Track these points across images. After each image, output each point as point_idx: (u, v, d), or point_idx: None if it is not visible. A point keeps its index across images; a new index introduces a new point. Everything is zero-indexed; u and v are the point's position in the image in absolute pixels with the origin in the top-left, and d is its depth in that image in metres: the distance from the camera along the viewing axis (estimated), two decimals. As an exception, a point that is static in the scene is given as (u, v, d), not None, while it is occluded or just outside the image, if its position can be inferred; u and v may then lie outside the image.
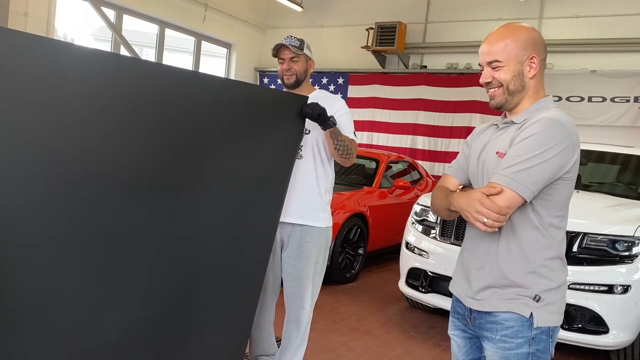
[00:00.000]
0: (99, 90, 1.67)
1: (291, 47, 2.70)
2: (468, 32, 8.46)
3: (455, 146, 8.52)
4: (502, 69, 1.67)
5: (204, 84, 2.04)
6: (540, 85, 1.72)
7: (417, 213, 4.53)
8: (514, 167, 1.58)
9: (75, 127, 1.63)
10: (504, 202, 1.56)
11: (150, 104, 1.82)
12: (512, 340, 1.65)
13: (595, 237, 3.57)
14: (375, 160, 6.56)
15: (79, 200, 1.69)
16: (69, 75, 1.59)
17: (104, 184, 1.74)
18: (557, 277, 1.67)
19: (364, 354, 3.67)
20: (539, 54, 1.68)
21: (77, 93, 1.62)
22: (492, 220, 1.55)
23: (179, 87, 1.91)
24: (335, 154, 2.63)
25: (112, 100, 1.71)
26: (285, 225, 2.72)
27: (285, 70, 2.74)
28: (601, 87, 7.35)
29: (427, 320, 4.51)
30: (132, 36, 8.14)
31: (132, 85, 1.76)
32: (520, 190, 1.56)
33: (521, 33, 1.68)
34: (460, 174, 1.88)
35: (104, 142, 1.72)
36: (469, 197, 1.62)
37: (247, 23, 10.06)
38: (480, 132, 1.87)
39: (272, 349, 2.90)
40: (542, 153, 1.56)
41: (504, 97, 1.70)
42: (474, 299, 1.72)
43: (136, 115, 1.79)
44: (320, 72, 9.52)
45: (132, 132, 1.79)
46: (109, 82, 1.69)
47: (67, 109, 1.61)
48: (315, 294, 2.83)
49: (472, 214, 1.59)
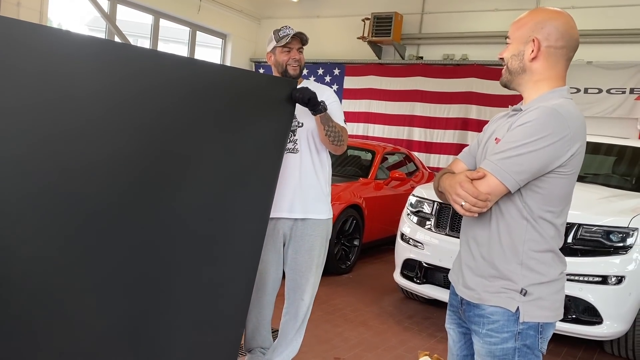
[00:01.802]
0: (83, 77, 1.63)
1: (302, 40, 2.70)
2: (464, 22, 8.42)
3: (451, 137, 8.51)
4: (508, 47, 1.66)
5: (190, 69, 1.98)
6: (549, 73, 1.63)
7: (412, 204, 4.52)
8: (502, 153, 1.54)
9: (55, 115, 1.60)
10: (485, 188, 1.53)
11: (133, 91, 1.76)
12: (498, 335, 1.60)
13: (590, 228, 3.57)
14: (371, 151, 6.55)
15: (61, 191, 1.65)
16: (53, 61, 1.56)
17: (87, 173, 1.70)
18: (549, 272, 1.60)
19: (359, 345, 3.67)
20: (546, 39, 1.60)
21: (63, 80, 1.59)
22: (469, 204, 1.53)
23: (163, 73, 1.84)
24: (326, 141, 2.61)
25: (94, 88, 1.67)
26: (287, 221, 2.72)
27: (293, 60, 2.70)
28: (597, 79, 7.34)
29: (422, 311, 4.52)
30: (126, 27, 8.07)
31: (112, 72, 1.71)
32: (503, 177, 1.52)
33: (540, 15, 1.63)
34: (468, 159, 1.84)
35: (88, 132, 1.68)
36: (452, 179, 1.60)
37: (243, 13, 10.00)
38: (496, 119, 1.83)
39: (268, 343, 2.90)
40: (533, 142, 1.50)
41: (506, 76, 1.69)
42: (465, 287, 1.70)
43: (117, 103, 1.74)
44: (316, 62, 9.48)
45: (113, 122, 1.74)
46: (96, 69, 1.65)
47: (51, 95, 1.57)
48: (315, 287, 2.82)
49: (452, 195, 1.58)
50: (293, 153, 2.67)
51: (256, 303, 2.76)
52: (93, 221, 1.76)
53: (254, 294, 2.60)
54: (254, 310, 2.79)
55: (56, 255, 1.70)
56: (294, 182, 2.68)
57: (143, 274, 1.96)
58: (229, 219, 2.24)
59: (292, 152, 2.66)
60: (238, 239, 2.31)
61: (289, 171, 2.64)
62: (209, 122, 2.05)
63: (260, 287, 2.74)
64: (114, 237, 1.83)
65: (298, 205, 2.70)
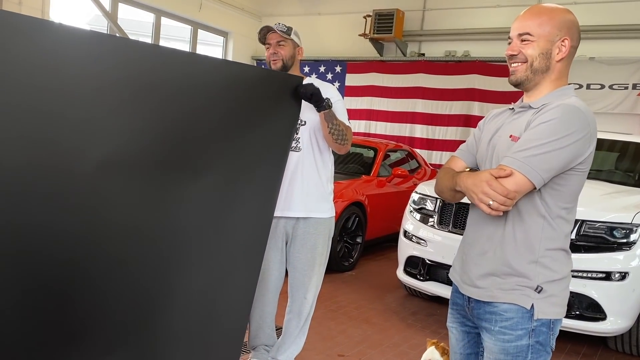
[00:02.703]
0: (88, 72, 1.62)
1: (278, 31, 2.67)
2: (466, 19, 8.41)
3: (454, 134, 8.51)
4: (531, 44, 1.61)
5: (193, 65, 1.96)
6: (565, 72, 1.66)
7: (415, 201, 4.52)
8: (528, 151, 1.52)
9: (63, 111, 1.59)
10: (513, 186, 1.51)
11: (139, 87, 1.75)
12: (512, 332, 1.60)
13: (593, 225, 3.57)
14: (373, 149, 6.55)
15: (69, 185, 1.64)
16: (58, 57, 1.55)
17: (94, 169, 1.69)
18: (561, 269, 1.62)
19: (363, 342, 3.68)
20: (572, 39, 1.62)
21: (70, 76, 1.58)
22: (498, 203, 1.51)
23: (166, 69, 1.83)
24: (330, 139, 2.59)
25: (103, 83, 1.66)
26: (289, 220, 2.72)
27: (272, 54, 2.70)
28: (600, 74, 7.33)
29: (425, 308, 4.52)
30: (128, 25, 8.07)
31: (121, 67, 1.70)
32: (530, 175, 1.51)
33: (560, 13, 1.63)
34: (468, 157, 1.83)
35: (95, 128, 1.67)
36: (476, 178, 1.57)
37: (244, 11, 9.99)
38: (494, 116, 1.82)
39: (272, 340, 2.90)
40: (559, 139, 1.50)
41: (525, 74, 1.63)
42: (473, 286, 1.69)
43: (123, 100, 1.73)
44: (317, 60, 9.47)
45: (120, 118, 1.73)
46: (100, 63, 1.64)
47: (57, 92, 1.57)
48: (318, 286, 2.83)
49: (477, 195, 1.55)
50: (295, 151, 2.66)
51: (259, 301, 2.77)
52: (98, 218, 1.76)
53: (257, 292, 2.61)
54: (258, 308, 2.79)
55: (68, 253, 1.71)
56: (296, 180, 2.68)
57: (147, 270, 1.95)
58: (233, 216, 2.23)
59: (294, 150, 2.65)
60: (242, 237, 2.30)
61: (291, 169, 2.64)
62: (213, 119, 2.03)
63: (263, 285, 2.74)
64: (119, 234, 1.83)
65: (300, 204, 2.69)
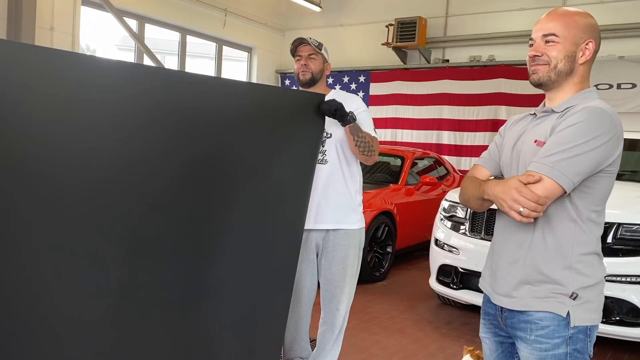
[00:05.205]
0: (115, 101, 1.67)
1: (311, 44, 2.72)
2: (490, 23, 8.34)
3: (481, 140, 8.42)
4: (556, 46, 1.60)
5: (220, 90, 2.02)
6: (588, 75, 1.65)
7: (445, 209, 4.48)
8: (556, 155, 1.50)
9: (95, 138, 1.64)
10: (543, 192, 1.49)
11: (167, 113, 1.81)
12: (549, 340, 1.57)
13: (630, 227, 3.49)
14: (400, 157, 6.53)
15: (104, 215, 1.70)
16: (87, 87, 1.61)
17: (127, 196, 1.74)
18: (595, 274, 1.59)
19: (397, 353, 3.65)
20: (596, 42, 1.62)
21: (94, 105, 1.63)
22: (529, 209, 1.48)
23: (196, 95, 1.88)
24: (356, 151, 2.60)
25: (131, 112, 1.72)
26: (319, 232, 2.73)
27: (302, 66, 2.74)
28: (630, 73, 7.17)
29: (459, 317, 4.47)
30: (155, 44, 8.24)
31: (150, 95, 1.76)
32: (560, 180, 1.49)
33: (583, 16, 1.62)
34: (491, 165, 1.81)
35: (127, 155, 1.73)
36: (505, 185, 1.55)
37: (267, 26, 10.11)
38: (515, 122, 1.80)
39: (306, 353, 2.91)
40: (587, 142, 1.49)
41: (548, 75, 1.61)
42: (505, 296, 1.66)
43: (155, 126, 1.79)
44: (341, 71, 9.51)
45: (152, 144, 1.79)
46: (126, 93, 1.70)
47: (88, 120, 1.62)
48: (350, 297, 2.82)
49: (507, 202, 1.52)
50: (322, 164, 2.68)
51: (293, 314, 2.78)
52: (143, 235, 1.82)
53: (291, 305, 2.61)
54: (292, 321, 2.80)
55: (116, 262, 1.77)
56: (324, 192, 2.69)
57: (185, 288, 1.99)
58: (267, 234, 2.28)
59: (321, 163, 2.66)
60: (275, 253, 2.34)
61: (319, 182, 2.65)
62: (243, 140, 2.09)
63: (296, 298, 2.75)
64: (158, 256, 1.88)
65: (329, 216, 2.70)
